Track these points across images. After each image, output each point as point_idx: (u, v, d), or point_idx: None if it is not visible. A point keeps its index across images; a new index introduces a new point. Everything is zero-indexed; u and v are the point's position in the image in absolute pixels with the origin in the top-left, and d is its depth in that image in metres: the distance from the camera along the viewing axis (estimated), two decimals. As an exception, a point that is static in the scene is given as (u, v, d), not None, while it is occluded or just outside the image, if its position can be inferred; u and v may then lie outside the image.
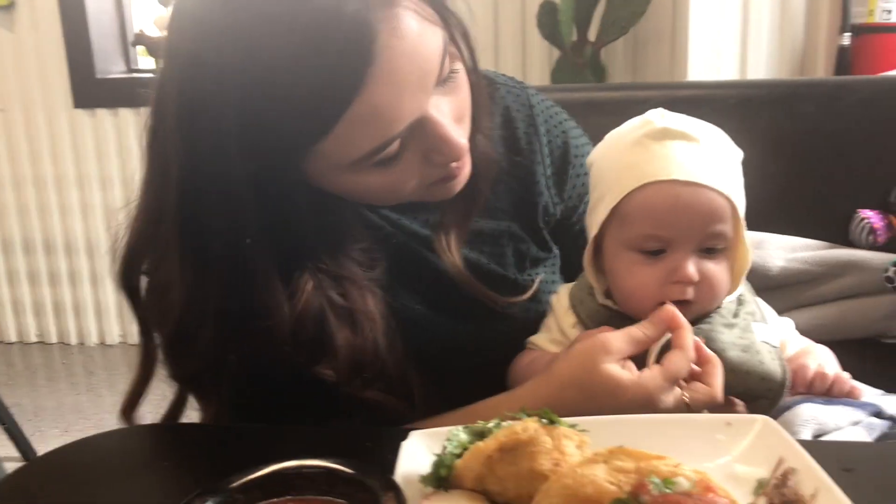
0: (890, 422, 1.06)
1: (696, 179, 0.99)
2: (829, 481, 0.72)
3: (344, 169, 0.94)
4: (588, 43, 3.28)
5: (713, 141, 1.05)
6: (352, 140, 0.89)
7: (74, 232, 4.14)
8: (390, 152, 0.93)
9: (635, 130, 1.06)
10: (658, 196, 1.00)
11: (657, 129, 1.03)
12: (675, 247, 1.01)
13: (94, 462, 0.96)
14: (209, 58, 0.87)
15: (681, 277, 1.00)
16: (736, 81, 2.81)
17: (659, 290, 1.02)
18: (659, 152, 1.02)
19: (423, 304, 1.14)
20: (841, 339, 1.56)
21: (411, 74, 0.88)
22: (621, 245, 1.05)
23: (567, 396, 0.96)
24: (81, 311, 4.25)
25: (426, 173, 0.98)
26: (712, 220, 1.00)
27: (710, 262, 1.02)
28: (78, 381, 3.87)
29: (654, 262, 1.02)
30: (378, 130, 0.89)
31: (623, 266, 1.05)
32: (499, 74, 1.28)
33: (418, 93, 0.90)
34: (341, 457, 0.76)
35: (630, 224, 1.03)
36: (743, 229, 1.03)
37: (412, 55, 0.87)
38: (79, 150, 4.04)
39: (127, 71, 4.15)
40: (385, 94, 0.87)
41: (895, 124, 1.65)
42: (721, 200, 1.00)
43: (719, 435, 0.86)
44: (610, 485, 0.70)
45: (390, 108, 0.88)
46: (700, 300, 1.03)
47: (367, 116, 0.87)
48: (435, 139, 0.94)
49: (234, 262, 0.95)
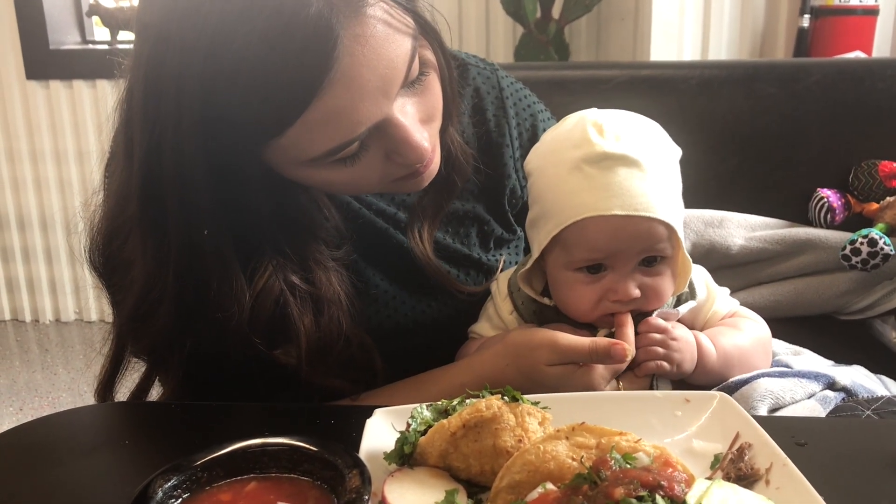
0: (843, 393, 1.09)
1: (636, 212, 1.00)
2: (782, 455, 0.75)
3: (303, 164, 0.93)
4: (552, 20, 3.28)
5: (654, 159, 1.04)
6: (309, 140, 0.89)
7: (28, 207, 4.04)
8: (350, 151, 0.91)
9: (574, 149, 1.04)
10: (597, 228, 1.02)
11: (596, 154, 1.02)
12: (615, 268, 1.04)
13: (53, 441, 0.94)
14: (175, 38, 0.85)
15: (620, 297, 1.03)
16: (697, 62, 2.84)
17: (599, 306, 1.05)
18: (599, 182, 1.01)
19: (386, 281, 1.14)
20: (799, 316, 1.61)
21: (372, 82, 0.86)
22: (562, 266, 1.07)
23: (509, 375, 1.01)
24: (36, 288, 4.17)
25: (388, 171, 0.97)
26: (651, 244, 1.03)
27: (652, 273, 1.05)
28: (32, 359, 3.80)
29: (595, 280, 1.05)
30: (336, 133, 0.88)
31: (564, 283, 1.07)
32: (469, 55, 1.28)
33: (380, 98, 0.88)
34: (305, 434, 0.76)
35: (570, 250, 1.05)
36: (681, 243, 1.05)
37: (375, 62, 0.86)
38: (32, 124, 3.94)
39: (82, 42, 4.05)
40: (343, 99, 0.85)
41: (853, 105, 1.68)
42: (660, 226, 1.02)
43: (678, 411, 0.88)
44: (572, 460, 0.71)
45: (348, 112, 0.87)
46: (644, 306, 1.06)
47: (325, 119, 0.86)
48: (397, 142, 0.93)
49: (191, 248, 0.94)
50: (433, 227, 1.14)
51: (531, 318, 1.12)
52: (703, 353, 1.06)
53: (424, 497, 0.74)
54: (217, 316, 0.95)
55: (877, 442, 0.84)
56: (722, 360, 1.07)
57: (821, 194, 1.64)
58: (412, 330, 1.14)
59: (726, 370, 1.08)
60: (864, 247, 1.49)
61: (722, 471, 0.77)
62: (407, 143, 0.93)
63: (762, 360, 1.14)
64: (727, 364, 1.08)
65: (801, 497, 0.69)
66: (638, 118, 1.10)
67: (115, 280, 1.04)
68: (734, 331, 1.12)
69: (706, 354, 1.06)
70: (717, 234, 1.59)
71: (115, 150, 1.00)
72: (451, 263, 1.17)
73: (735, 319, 1.15)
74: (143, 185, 0.92)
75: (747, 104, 1.70)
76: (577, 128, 1.07)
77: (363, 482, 0.69)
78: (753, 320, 1.16)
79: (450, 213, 1.18)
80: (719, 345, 1.08)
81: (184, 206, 0.91)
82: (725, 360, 1.08)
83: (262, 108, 0.85)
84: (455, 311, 1.17)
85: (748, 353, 1.11)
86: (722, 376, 1.08)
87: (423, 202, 1.14)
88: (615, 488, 0.63)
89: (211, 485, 0.73)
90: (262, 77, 0.83)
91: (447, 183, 1.12)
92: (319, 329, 1.00)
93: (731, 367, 1.09)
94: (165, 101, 0.87)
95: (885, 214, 1.60)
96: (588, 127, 1.05)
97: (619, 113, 1.09)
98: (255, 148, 0.91)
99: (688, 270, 1.08)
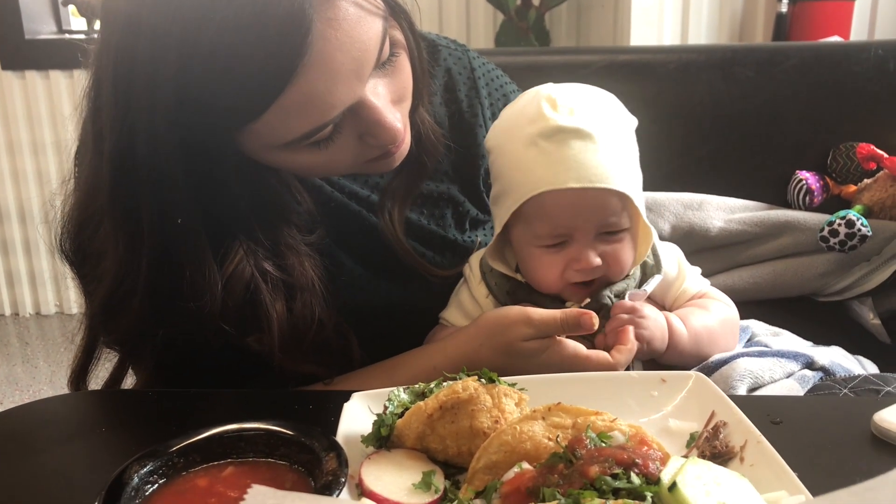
0: (821, 373, 1.10)
1: (590, 185, 1.02)
2: (757, 433, 0.75)
3: (278, 148, 0.92)
4: (532, 7, 3.27)
5: (607, 131, 1.05)
6: (284, 124, 0.88)
7: (6, 199, 4.00)
8: (324, 134, 0.92)
9: (529, 124, 1.06)
10: (554, 201, 1.04)
11: (550, 128, 1.04)
12: (575, 238, 1.06)
13: (30, 429, 0.94)
14: (147, 26, 0.84)
15: (582, 266, 1.06)
16: (675, 46, 2.84)
17: (563, 276, 1.07)
18: (553, 156, 1.03)
19: (360, 265, 1.14)
20: (778, 298, 1.62)
21: (346, 64, 0.86)
22: (525, 241, 1.09)
23: (483, 354, 1.01)
24: (15, 281, 4.13)
25: (361, 153, 0.97)
26: (606, 215, 1.05)
27: (612, 241, 1.07)
28: (13, 352, 3.77)
29: (558, 251, 1.07)
30: (311, 116, 0.88)
31: (529, 256, 1.10)
32: (441, 37, 1.28)
33: (353, 80, 0.88)
34: (282, 419, 0.76)
35: (531, 224, 1.07)
36: (640, 213, 1.07)
37: (348, 45, 0.86)
38: (8, 115, 3.89)
39: (58, 32, 4.00)
40: (318, 83, 0.85)
41: (831, 89, 1.69)
42: (614, 198, 1.04)
43: (654, 391, 0.88)
44: (548, 440, 0.72)
45: (323, 96, 0.86)
46: (608, 275, 1.08)
47: (300, 104, 0.86)
48: (370, 123, 0.93)
49: (164, 236, 0.93)
50: (403, 208, 1.14)
51: (505, 298, 1.12)
52: (673, 334, 1.07)
53: (401, 479, 0.74)
54: (190, 305, 0.94)
55: (852, 419, 0.84)
56: (693, 340, 1.09)
57: (799, 176, 1.65)
58: (387, 313, 1.14)
59: (696, 350, 1.09)
60: (842, 228, 1.50)
61: (697, 449, 0.78)
62: (380, 124, 0.93)
63: (730, 342, 1.16)
64: (697, 344, 1.09)
65: (775, 473, 0.69)
66: (592, 90, 1.11)
67: (86, 270, 1.03)
68: (703, 311, 1.13)
69: (677, 334, 1.08)
70: (696, 217, 1.59)
71: (85, 138, 0.99)
72: (427, 245, 1.17)
73: (704, 300, 1.16)
74: (113, 175, 0.92)
75: (726, 88, 1.71)
76: (531, 103, 1.08)
77: (340, 465, 0.69)
78: (722, 301, 1.17)
79: (424, 194, 1.18)
80: (689, 325, 1.09)
81: (157, 194, 0.91)
82: (696, 340, 1.09)
83: (237, 94, 0.85)
84: (429, 293, 1.17)
85: (717, 334, 1.13)
86: (693, 356, 1.09)
87: (394, 184, 1.14)
88: (590, 467, 0.64)
89: (187, 470, 0.73)
90: (237, 63, 0.82)
91: (418, 164, 1.12)
92: (292, 315, 1.00)
93: (701, 347, 1.10)
94: (137, 89, 0.86)
95: (863, 196, 1.61)
96: (542, 102, 1.06)
97: (574, 86, 1.11)
98: (230, 133, 0.90)
99: (649, 239, 1.10)
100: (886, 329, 1.56)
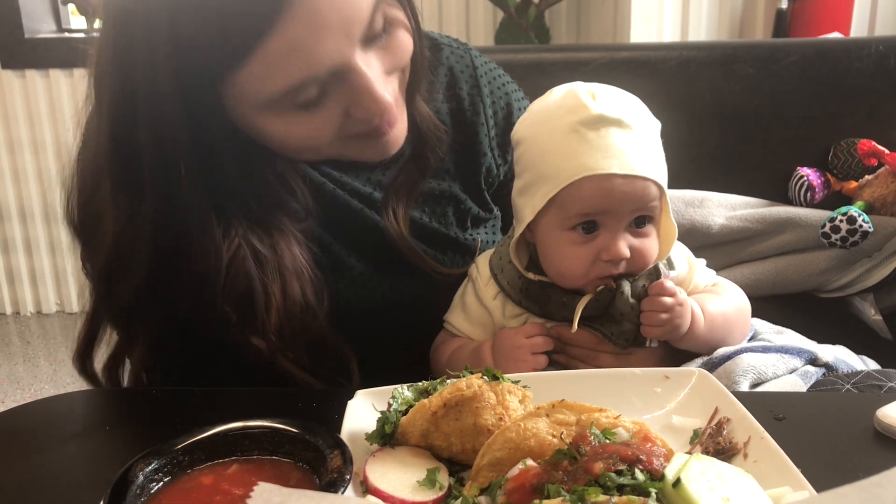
0: (824, 369, 1.10)
1: (633, 172, 1.02)
2: (760, 429, 0.75)
3: (263, 106, 0.92)
4: (532, 4, 3.27)
5: (643, 125, 1.06)
6: (269, 74, 0.89)
7: (7, 198, 4.00)
8: (310, 97, 0.92)
9: (569, 114, 1.06)
10: (595, 187, 1.03)
11: (593, 116, 1.04)
12: (608, 226, 1.05)
13: (34, 428, 0.94)
14: None
15: (612, 256, 1.05)
16: (676, 43, 2.84)
17: (591, 267, 1.06)
18: (596, 143, 1.03)
19: (362, 262, 1.14)
20: (779, 294, 1.62)
21: (332, 18, 0.87)
22: (556, 227, 1.08)
23: None
24: (16, 279, 4.13)
25: (347, 127, 0.97)
26: (644, 203, 1.05)
27: (640, 234, 1.06)
28: (14, 351, 3.77)
29: (588, 240, 1.06)
30: (295, 68, 0.88)
31: (557, 245, 1.08)
32: (442, 36, 1.28)
33: (341, 38, 0.89)
34: (287, 417, 0.76)
35: (566, 209, 1.06)
36: (667, 204, 1.07)
37: (338, 1, 0.87)
38: (8, 114, 3.89)
39: (57, 30, 4.00)
40: (302, 32, 0.86)
41: (832, 85, 1.69)
42: (652, 186, 1.04)
43: (657, 388, 0.88)
44: (552, 437, 0.72)
45: (308, 47, 0.87)
46: (631, 269, 1.08)
47: (283, 52, 0.87)
48: (358, 91, 0.93)
49: (165, 195, 0.93)
50: (408, 206, 1.14)
51: (518, 296, 1.12)
52: (693, 318, 1.08)
53: (406, 476, 0.74)
54: (190, 273, 0.94)
55: (855, 415, 0.85)
56: (709, 326, 1.09)
57: (800, 173, 1.65)
58: (387, 311, 1.14)
59: (710, 335, 1.10)
60: (844, 224, 1.51)
61: (700, 445, 0.78)
62: (368, 92, 0.93)
63: (743, 328, 1.16)
64: (712, 329, 1.10)
65: (778, 469, 0.70)
66: (622, 91, 1.11)
67: (88, 233, 1.03)
68: (718, 297, 1.14)
69: (696, 319, 1.08)
70: (697, 214, 1.59)
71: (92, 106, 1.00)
72: (428, 243, 1.17)
73: (718, 287, 1.17)
74: (113, 128, 0.93)
75: (726, 85, 1.71)
76: (569, 95, 1.08)
77: (344, 462, 0.70)
78: (734, 290, 1.17)
79: (426, 192, 1.18)
80: (706, 310, 1.10)
81: (157, 147, 0.91)
82: (711, 325, 1.09)
83: (224, 31, 0.86)
84: (431, 291, 1.17)
85: (731, 320, 1.13)
86: (706, 342, 1.10)
87: (398, 181, 1.14)
88: (595, 463, 0.64)
89: (192, 468, 0.73)
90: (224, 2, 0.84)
91: (421, 160, 1.12)
92: (286, 300, 1.00)
93: (715, 333, 1.10)
94: (136, 40, 0.88)
95: (864, 192, 1.62)
96: (581, 94, 1.07)
97: (605, 86, 1.11)
98: (218, 81, 0.91)
99: (672, 235, 1.10)
100: (888, 325, 1.56)
